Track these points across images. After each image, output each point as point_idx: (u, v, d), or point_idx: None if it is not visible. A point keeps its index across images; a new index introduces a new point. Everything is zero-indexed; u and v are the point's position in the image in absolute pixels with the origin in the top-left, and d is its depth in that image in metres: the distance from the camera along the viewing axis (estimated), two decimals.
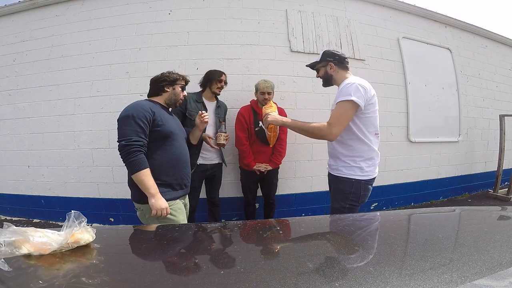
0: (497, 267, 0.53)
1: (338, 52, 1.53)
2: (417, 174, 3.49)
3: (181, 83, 1.53)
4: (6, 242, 0.57)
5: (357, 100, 1.33)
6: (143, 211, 1.38)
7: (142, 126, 1.30)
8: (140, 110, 1.32)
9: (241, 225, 0.95)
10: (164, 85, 1.48)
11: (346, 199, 1.45)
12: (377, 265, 0.58)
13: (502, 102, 4.36)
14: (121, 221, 2.89)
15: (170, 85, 1.49)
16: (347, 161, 1.45)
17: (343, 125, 1.37)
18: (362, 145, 1.43)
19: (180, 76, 1.52)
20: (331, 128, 1.36)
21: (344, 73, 1.52)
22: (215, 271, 0.61)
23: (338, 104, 1.39)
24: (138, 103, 1.37)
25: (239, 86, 2.78)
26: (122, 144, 1.27)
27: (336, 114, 1.38)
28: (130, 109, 1.33)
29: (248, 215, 2.61)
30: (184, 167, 1.47)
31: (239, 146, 2.39)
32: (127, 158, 1.27)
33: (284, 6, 3.00)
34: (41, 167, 3.01)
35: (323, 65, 1.55)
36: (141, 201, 1.36)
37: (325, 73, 1.55)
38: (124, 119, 1.31)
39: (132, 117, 1.29)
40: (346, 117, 1.36)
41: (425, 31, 3.68)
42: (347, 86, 1.38)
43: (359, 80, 1.41)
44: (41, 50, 3.03)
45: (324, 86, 1.62)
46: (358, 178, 1.43)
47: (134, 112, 1.31)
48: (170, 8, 2.88)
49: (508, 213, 0.99)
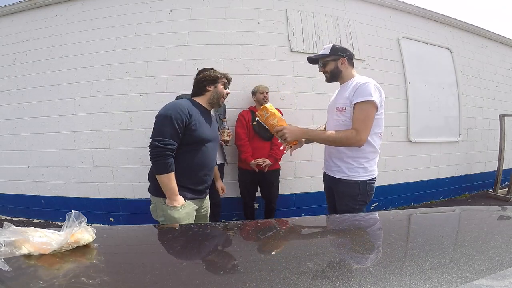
0: (497, 267, 0.53)
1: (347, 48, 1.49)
2: (417, 174, 3.49)
3: (223, 80, 1.51)
4: (6, 242, 0.57)
5: (377, 100, 1.31)
6: (156, 204, 1.40)
7: (177, 129, 1.30)
8: (178, 111, 1.31)
9: (241, 225, 0.94)
10: (206, 85, 1.46)
11: (354, 201, 1.42)
12: (377, 265, 0.58)
13: (502, 102, 4.36)
14: (121, 221, 2.88)
15: (212, 84, 1.47)
16: (350, 162, 1.42)
17: (370, 128, 1.33)
18: (368, 146, 1.40)
19: (221, 74, 1.50)
20: (360, 134, 1.31)
21: (352, 71, 1.48)
22: (215, 271, 0.61)
23: (360, 106, 1.33)
24: (178, 103, 1.37)
25: (239, 86, 2.78)
26: (155, 144, 1.28)
27: (360, 117, 1.32)
28: (170, 108, 1.33)
29: (247, 217, 2.61)
30: (206, 173, 1.46)
31: (237, 141, 2.43)
32: (157, 159, 1.28)
33: (284, 6, 3.00)
34: (41, 167, 3.01)
35: (333, 59, 1.47)
36: (155, 194, 1.39)
37: (335, 68, 1.47)
38: (162, 118, 1.31)
39: (170, 118, 1.29)
40: (370, 119, 1.33)
41: (425, 31, 3.68)
42: (364, 85, 1.33)
43: (371, 80, 1.37)
44: (41, 50, 3.03)
45: (328, 82, 1.55)
46: (363, 178, 1.41)
47: (173, 113, 1.30)
48: (170, 8, 2.88)
49: (508, 213, 0.99)
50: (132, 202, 2.79)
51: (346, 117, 1.40)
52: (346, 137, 1.33)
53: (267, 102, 2.42)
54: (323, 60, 1.50)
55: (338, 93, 1.53)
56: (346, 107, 1.40)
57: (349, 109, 1.38)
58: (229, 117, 2.55)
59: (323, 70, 1.52)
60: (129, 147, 2.78)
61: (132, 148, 2.77)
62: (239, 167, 2.54)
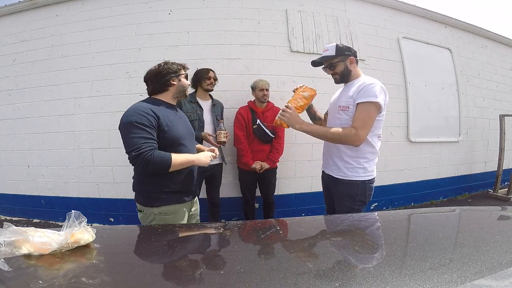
0: (497, 267, 0.53)
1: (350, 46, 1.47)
2: (417, 174, 3.49)
3: (185, 72, 1.42)
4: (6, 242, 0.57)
5: (381, 102, 1.30)
6: (146, 214, 1.34)
7: (148, 131, 1.18)
8: (142, 115, 1.18)
9: (241, 225, 0.94)
10: (170, 79, 1.33)
11: (353, 201, 1.42)
12: (377, 265, 0.58)
13: (502, 102, 4.36)
14: (121, 221, 2.89)
15: (176, 77, 1.35)
16: (350, 162, 1.42)
17: (369, 128, 1.32)
18: (368, 147, 1.40)
19: (179, 65, 1.40)
20: (359, 133, 1.30)
21: (358, 70, 1.46)
22: (215, 271, 0.61)
23: (362, 106, 1.31)
24: (138, 107, 1.22)
25: (239, 86, 2.78)
26: (133, 155, 1.14)
27: (361, 116, 1.31)
28: (131, 114, 1.19)
29: (247, 215, 2.61)
30: (192, 172, 1.39)
31: (237, 144, 2.41)
32: (148, 166, 1.15)
33: (284, 6, 3.00)
34: (41, 167, 3.00)
35: (341, 60, 1.42)
36: (144, 204, 1.33)
37: (345, 69, 1.43)
38: (126, 126, 1.18)
39: (135, 123, 1.16)
40: (371, 120, 1.32)
41: (425, 31, 3.67)
42: (370, 86, 1.31)
43: (377, 81, 1.36)
44: (41, 50, 3.03)
45: (338, 83, 1.50)
46: (362, 179, 1.41)
47: (136, 118, 1.17)
48: (170, 8, 2.88)
49: (508, 213, 0.99)
50: (132, 202, 2.75)
51: (349, 116, 1.39)
52: (345, 134, 1.32)
53: (267, 101, 2.42)
54: (330, 62, 1.45)
55: (342, 92, 1.51)
56: (349, 106, 1.38)
57: (352, 108, 1.37)
58: (228, 117, 2.54)
59: (332, 72, 1.47)
60: None
61: None
62: (239, 168, 2.54)
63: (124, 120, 1.20)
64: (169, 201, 1.30)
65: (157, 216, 1.30)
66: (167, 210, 1.31)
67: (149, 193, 1.31)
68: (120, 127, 1.22)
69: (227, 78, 2.71)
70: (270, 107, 2.46)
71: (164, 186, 1.28)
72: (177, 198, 1.33)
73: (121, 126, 1.21)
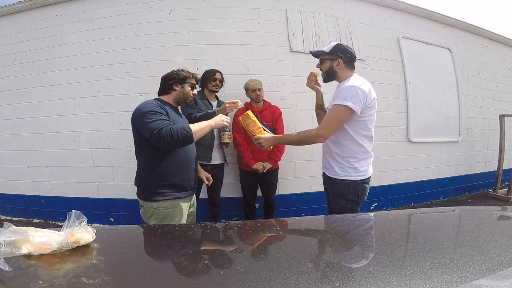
0: (497, 267, 0.53)
1: (351, 49, 1.47)
2: (417, 174, 3.49)
3: (191, 81, 1.49)
4: (6, 242, 0.57)
5: (353, 105, 1.31)
6: (146, 209, 1.40)
7: (163, 116, 1.30)
8: (154, 106, 1.33)
9: (241, 225, 0.95)
10: (173, 83, 1.46)
11: (345, 200, 1.44)
12: (377, 265, 0.58)
13: (502, 102, 4.36)
14: (121, 221, 2.89)
15: (179, 83, 1.46)
16: (340, 161, 1.45)
17: (333, 128, 1.39)
18: (357, 147, 1.42)
19: (190, 74, 1.48)
20: (319, 132, 1.38)
21: (349, 72, 1.48)
22: (215, 271, 0.61)
23: (333, 107, 1.38)
24: (147, 102, 1.37)
25: (239, 86, 2.76)
26: (156, 134, 1.22)
27: (328, 117, 1.40)
28: (143, 107, 1.32)
29: (248, 215, 2.61)
30: (192, 168, 1.47)
31: (236, 147, 2.42)
32: (172, 138, 1.23)
33: (284, 6, 3.00)
34: (41, 167, 3.00)
35: (330, 59, 1.47)
36: (145, 199, 1.39)
37: (329, 68, 1.48)
38: (142, 115, 1.29)
39: (151, 111, 1.29)
40: (337, 122, 1.37)
41: (425, 31, 3.67)
42: (346, 88, 1.35)
43: (359, 82, 1.37)
44: (41, 50, 3.03)
45: (324, 82, 1.57)
46: (354, 178, 1.42)
47: (149, 108, 1.30)
48: (170, 8, 2.88)
49: (508, 213, 0.99)
50: (132, 202, 2.77)
51: None
52: (307, 135, 1.44)
53: (261, 100, 2.43)
54: (321, 57, 1.52)
55: (334, 93, 1.54)
56: None
57: None
58: (229, 117, 2.54)
59: (319, 67, 1.55)
60: (129, 147, 2.76)
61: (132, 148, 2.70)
62: (240, 168, 2.54)
63: (137, 112, 1.32)
64: (168, 196, 1.36)
65: (156, 210, 1.36)
66: (166, 205, 1.36)
67: (150, 187, 1.38)
68: (135, 120, 1.33)
69: (227, 78, 2.69)
70: (267, 106, 2.47)
71: (164, 179, 1.35)
72: (176, 193, 1.39)
73: (136, 118, 1.32)
